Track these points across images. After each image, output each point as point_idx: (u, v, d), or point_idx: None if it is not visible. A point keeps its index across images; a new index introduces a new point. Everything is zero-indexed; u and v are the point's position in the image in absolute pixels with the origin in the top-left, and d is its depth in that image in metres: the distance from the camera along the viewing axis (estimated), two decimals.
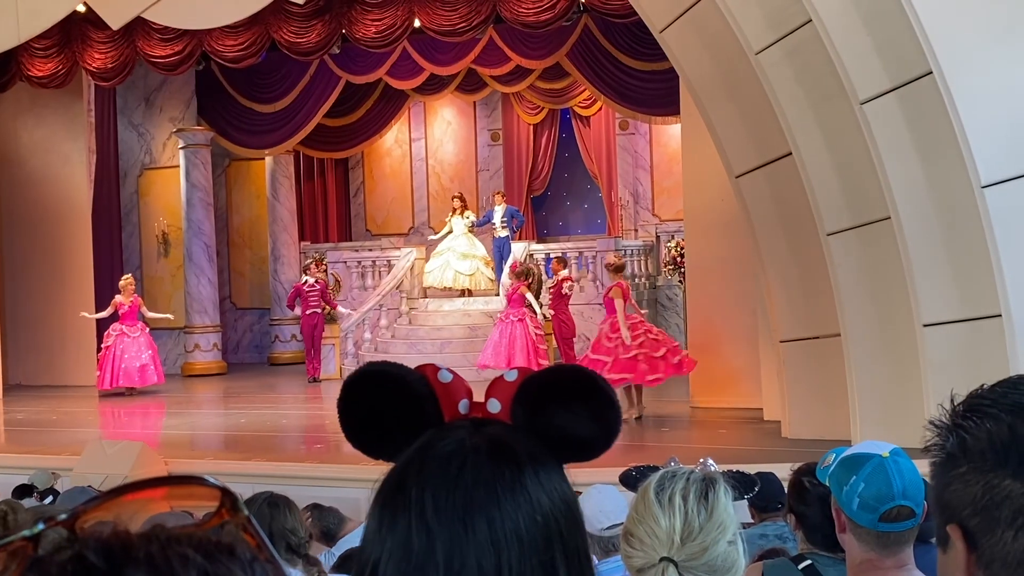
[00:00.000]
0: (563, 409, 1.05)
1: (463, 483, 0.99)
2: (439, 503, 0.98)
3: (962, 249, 9.40)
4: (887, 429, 9.38)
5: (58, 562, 0.58)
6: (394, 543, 0.99)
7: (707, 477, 1.92)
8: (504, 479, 0.99)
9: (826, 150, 10.03)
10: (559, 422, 1.05)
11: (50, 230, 17.91)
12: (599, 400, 1.06)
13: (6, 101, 17.51)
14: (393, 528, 0.99)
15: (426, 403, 1.05)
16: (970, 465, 1.08)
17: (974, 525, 1.06)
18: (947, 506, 1.09)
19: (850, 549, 2.54)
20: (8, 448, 12.45)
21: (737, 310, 12.40)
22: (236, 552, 0.61)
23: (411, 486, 1.00)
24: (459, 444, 1.01)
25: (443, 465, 1.00)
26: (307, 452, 12.19)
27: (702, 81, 10.92)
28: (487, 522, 0.97)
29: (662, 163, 19.53)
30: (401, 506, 1.00)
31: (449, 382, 1.07)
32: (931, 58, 9.20)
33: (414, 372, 1.07)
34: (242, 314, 21.03)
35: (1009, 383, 1.12)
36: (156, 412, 15.47)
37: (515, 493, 0.99)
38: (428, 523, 0.98)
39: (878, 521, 2.44)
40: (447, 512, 0.98)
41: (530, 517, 0.99)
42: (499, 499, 0.98)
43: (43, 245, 17.91)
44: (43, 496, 8.29)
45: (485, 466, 1.00)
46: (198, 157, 19.49)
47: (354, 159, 21.84)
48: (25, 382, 17.94)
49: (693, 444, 10.80)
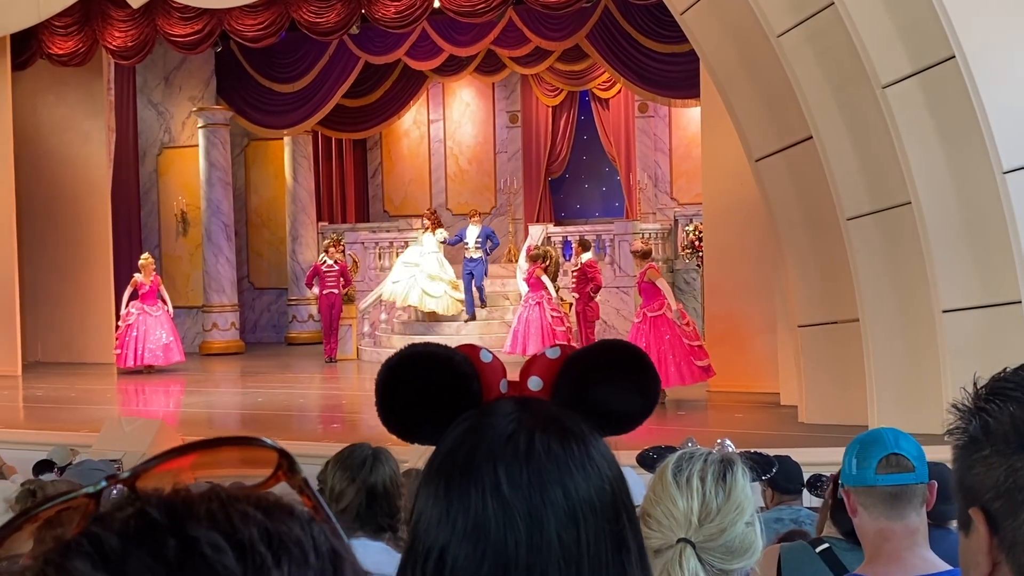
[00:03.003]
0: (608, 384, 1.06)
1: (535, 457, 0.98)
2: (513, 478, 0.97)
3: (982, 235, 9.36)
4: (904, 415, 9.37)
5: (121, 518, 0.59)
6: (465, 523, 0.97)
7: (725, 458, 1.91)
8: (573, 452, 0.99)
9: (847, 134, 9.99)
10: (603, 397, 1.06)
11: (69, 208, 17.98)
12: (644, 374, 1.08)
13: (26, 79, 17.55)
14: (464, 508, 0.98)
15: (472, 382, 1.05)
16: (993, 448, 1.07)
17: (997, 508, 1.06)
18: (969, 489, 1.09)
19: (863, 530, 2.55)
20: (28, 424, 12.57)
21: (755, 294, 12.38)
22: (295, 511, 0.62)
23: (480, 463, 0.99)
24: (518, 421, 1.01)
25: (510, 441, 0.99)
26: (324, 431, 12.25)
27: (722, 64, 10.88)
28: (563, 494, 0.97)
29: (681, 146, 19.46)
30: (472, 485, 0.98)
31: (489, 362, 1.07)
32: (954, 42, 9.15)
33: (459, 352, 1.07)
34: (260, 294, 21.11)
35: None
36: (174, 390, 15.56)
37: (584, 465, 0.99)
38: (505, 498, 0.97)
39: (876, 475, 2.46)
40: (523, 486, 0.97)
41: (599, 487, 0.99)
42: (571, 470, 0.98)
43: (62, 223, 17.99)
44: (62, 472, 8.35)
45: (554, 440, 1.00)
46: (217, 136, 19.54)
47: (372, 140, 21.85)
48: (44, 359, 18.05)
49: (710, 428, 10.80)
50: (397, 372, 1.07)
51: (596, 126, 20.00)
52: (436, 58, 18.17)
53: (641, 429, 1.10)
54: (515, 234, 20.09)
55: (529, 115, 20.59)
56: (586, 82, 19.23)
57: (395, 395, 1.07)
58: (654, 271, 12.19)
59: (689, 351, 11.81)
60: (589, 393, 1.06)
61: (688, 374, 11.78)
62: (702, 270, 15.04)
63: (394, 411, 1.08)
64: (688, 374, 11.78)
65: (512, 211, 20.59)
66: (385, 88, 19.97)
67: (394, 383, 1.07)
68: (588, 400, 1.05)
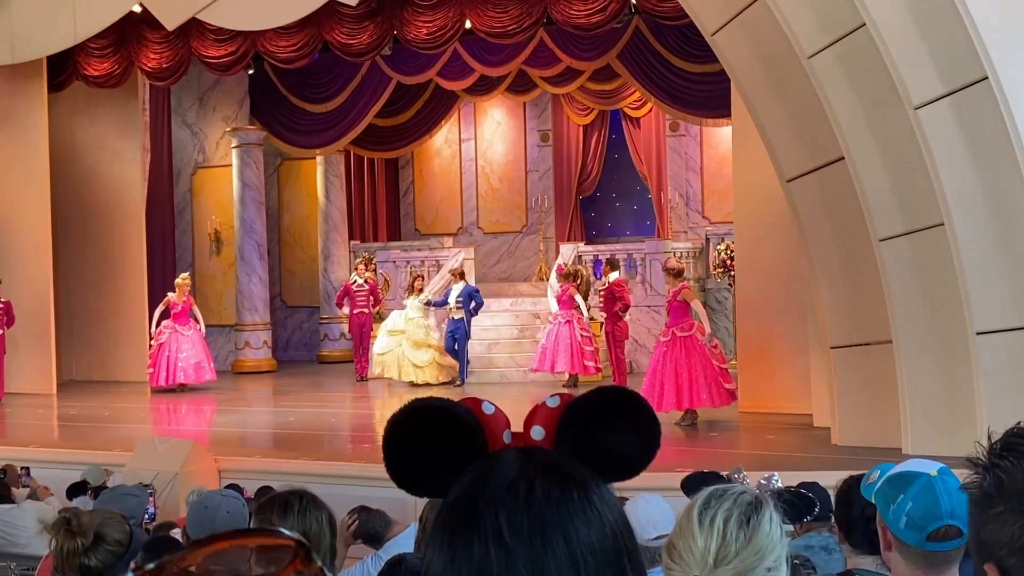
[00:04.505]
0: (608, 430, 1.08)
1: (535, 504, 1.00)
2: (515, 524, 0.99)
3: (1017, 256, 9.30)
4: (938, 438, 9.31)
5: None
6: (470, 571, 0.99)
7: (755, 500, 1.90)
8: (574, 498, 1.02)
9: (879, 155, 9.95)
10: (604, 443, 1.08)
11: (104, 227, 18.15)
12: (642, 419, 1.09)
13: (62, 100, 17.77)
14: (468, 556, 1.00)
15: (476, 434, 1.07)
16: (1007, 505, 1.08)
17: (1011, 565, 1.06)
18: (984, 544, 1.10)
19: (895, 567, 2.54)
20: (62, 444, 12.65)
21: (787, 314, 12.32)
22: None
23: (482, 512, 1.01)
24: (520, 469, 1.03)
25: (511, 489, 1.02)
26: (354, 451, 12.28)
27: (753, 84, 10.87)
28: (564, 539, 0.99)
29: (712, 165, 19.44)
30: (475, 533, 1.00)
31: (492, 414, 1.09)
32: (986, 63, 9.11)
33: (460, 405, 1.09)
34: (292, 312, 21.22)
35: None
36: (207, 409, 15.64)
37: (584, 510, 1.02)
38: (506, 544, 0.99)
39: (925, 540, 2.43)
40: (524, 532, 0.99)
41: (600, 531, 1.01)
42: (572, 516, 1.01)
43: (97, 242, 18.15)
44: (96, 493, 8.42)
45: (554, 487, 1.02)
46: (250, 156, 19.70)
47: (404, 159, 21.94)
48: (78, 378, 18.20)
49: (741, 450, 10.76)
50: (401, 428, 1.09)
51: (627, 145, 20.00)
52: (468, 78, 18.24)
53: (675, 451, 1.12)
54: (546, 253, 20.13)
55: (560, 134, 20.63)
56: (617, 101, 19.24)
57: (401, 451, 1.09)
58: (689, 292, 12.18)
59: (719, 373, 11.79)
60: (590, 440, 1.07)
61: (717, 396, 11.75)
62: (734, 289, 14.99)
63: (402, 467, 1.09)
64: (717, 396, 11.75)
65: (543, 230, 20.62)
66: (417, 107, 20.06)
67: (399, 439, 1.09)
68: (589, 447, 1.07)
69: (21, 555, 6.95)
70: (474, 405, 1.09)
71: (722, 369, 11.87)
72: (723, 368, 11.92)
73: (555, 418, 1.09)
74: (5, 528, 7.43)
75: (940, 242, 9.62)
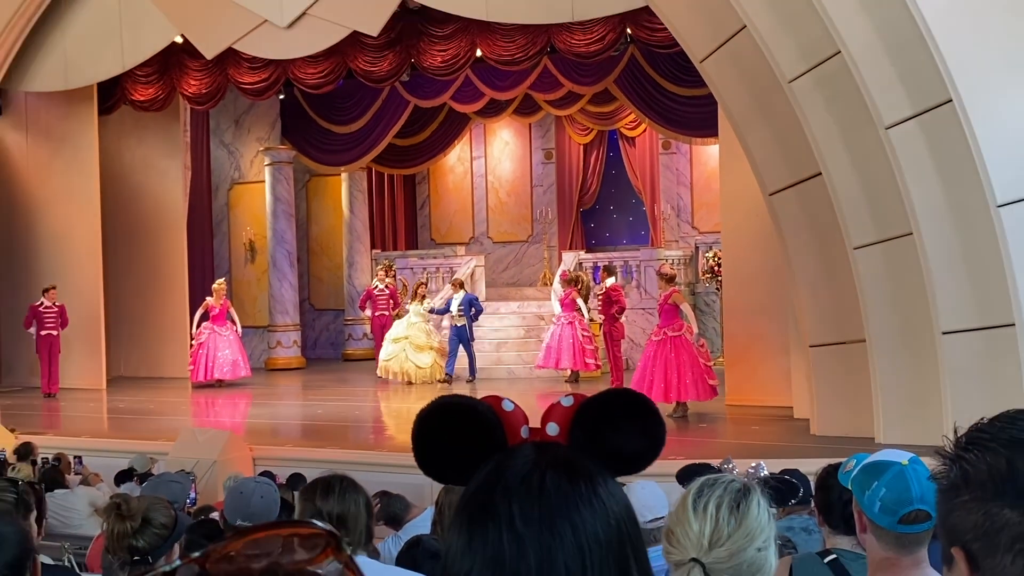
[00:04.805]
0: (617, 428, 1.07)
1: (546, 495, 1.00)
2: (527, 514, 0.99)
3: (978, 263, 9.28)
4: (908, 429, 9.30)
5: None
6: (485, 555, 1.00)
7: (744, 487, 1.91)
8: (581, 490, 1.02)
9: (853, 171, 9.94)
10: (614, 440, 1.07)
11: (149, 238, 18.17)
12: (649, 419, 1.09)
13: (111, 123, 17.80)
14: (483, 541, 1.00)
15: (496, 429, 1.07)
16: (972, 495, 1.08)
17: (976, 549, 1.06)
18: (952, 530, 1.10)
19: (871, 548, 2.54)
20: (111, 434, 12.67)
21: (770, 316, 12.30)
22: None
23: (498, 501, 1.01)
24: (533, 463, 1.03)
25: (525, 481, 1.01)
26: (376, 441, 12.28)
27: (738, 106, 10.87)
28: (571, 528, 0.99)
29: (701, 180, 19.40)
30: (490, 520, 1.01)
31: (511, 411, 1.09)
32: (951, 87, 9.10)
33: (482, 403, 1.09)
34: (319, 314, 21.23)
35: (1007, 417, 1.11)
36: (242, 403, 15.65)
37: (591, 501, 1.01)
38: (518, 532, 0.99)
39: (897, 523, 2.43)
40: (535, 521, 0.99)
41: (605, 522, 1.01)
42: (579, 507, 1.00)
43: (143, 251, 18.18)
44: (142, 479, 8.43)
45: (563, 479, 1.02)
46: (282, 173, 19.73)
47: (420, 175, 21.93)
48: (126, 374, 18.21)
49: (728, 440, 10.75)
50: (429, 423, 1.09)
51: (623, 162, 19.98)
52: (478, 101, 18.23)
53: (668, 440, 1.11)
54: (550, 260, 20.10)
55: (562, 152, 20.62)
56: (614, 122, 19.22)
57: (428, 443, 1.09)
58: (679, 295, 12.16)
59: (704, 370, 11.78)
60: (600, 437, 1.07)
61: (702, 391, 11.76)
62: (721, 293, 14.97)
63: (429, 457, 1.09)
64: (702, 391, 11.76)
65: (547, 239, 20.60)
66: (432, 128, 20.06)
67: (427, 432, 1.09)
68: (600, 443, 1.07)
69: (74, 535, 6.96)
70: (495, 403, 1.09)
71: (707, 366, 11.87)
72: (708, 366, 11.91)
73: (569, 416, 1.08)
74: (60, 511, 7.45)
75: (909, 250, 9.61)
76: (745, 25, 10.29)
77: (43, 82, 16.04)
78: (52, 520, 6.76)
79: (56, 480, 7.90)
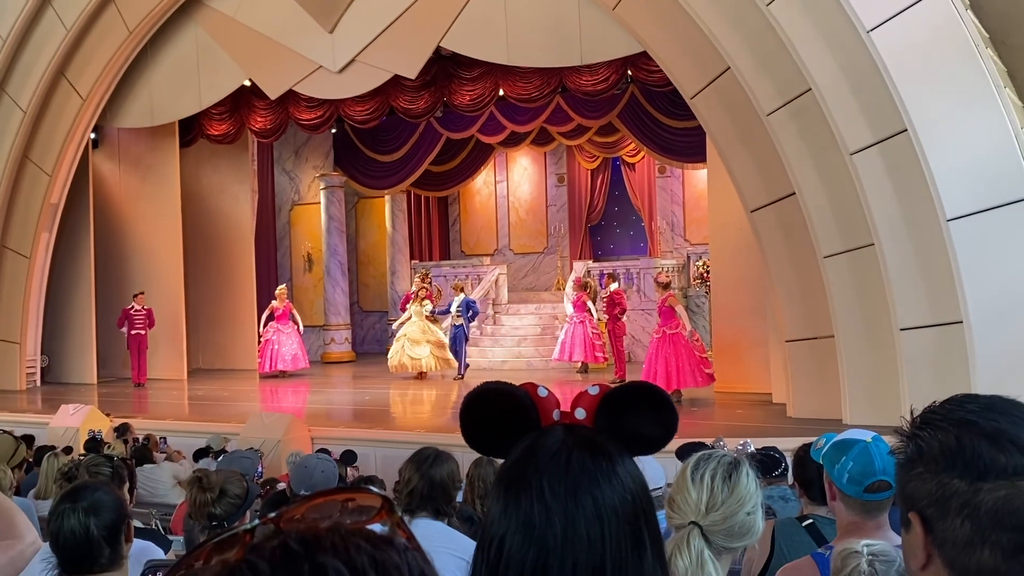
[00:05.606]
0: (636, 415, 1.07)
1: (571, 471, 1.00)
2: (554, 487, 0.99)
3: (931, 269, 9.22)
4: (870, 410, 9.24)
5: (269, 548, 0.61)
6: (518, 520, 0.99)
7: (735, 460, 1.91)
8: (602, 467, 1.01)
9: (823, 191, 9.90)
10: (633, 425, 1.06)
11: (222, 252, 18.28)
12: (664, 408, 1.09)
13: (191, 154, 17.91)
14: (517, 508, 1.00)
15: (531, 412, 1.07)
16: (926, 467, 1.07)
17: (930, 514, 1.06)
18: (909, 497, 1.09)
19: (839, 513, 2.53)
20: (191, 417, 12.74)
21: (752, 315, 12.26)
22: (394, 542, 0.64)
23: (530, 475, 1.01)
24: (562, 442, 1.03)
25: (554, 458, 1.01)
26: (415, 422, 12.28)
27: (724, 136, 10.85)
28: (592, 500, 0.99)
29: (692, 199, 19.33)
30: (523, 490, 1.00)
31: (545, 396, 1.08)
32: (906, 118, 9.06)
33: (520, 389, 1.09)
34: (367, 315, 21.27)
35: (955, 401, 1.11)
36: (302, 390, 15.69)
37: (610, 478, 1.01)
38: (547, 502, 0.99)
39: (863, 492, 2.42)
40: (561, 493, 0.99)
41: (622, 496, 1.00)
42: (599, 482, 1.00)
43: (217, 263, 18.28)
44: (217, 456, 8.47)
45: (586, 457, 1.01)
46: (335, 196, 19.79)
47: (452, 196, 21.93)
48: (204, 366, 18.31)
49: (717, 421, 10.70)
50: (474, 404, 1.09)
51: (625, 184, 19.93)
52: (501, 134, 18.24)
53: None
54: (562, 268, 20.07)
55: (573, 176, 20.59)
56: (617, 150, 19.18)
57: (473, 421, 1.09)
58: (674, 299, 12.12)
59: (699, 361, 11.73)
60: (622, 422, 1.06)
61: (701, 379, 11.72)
62: (710, 296, 14.92)
63: (473, 433, 1.09)
64: (701, 379, 11.72)
65: (560, 250, 20.57)
66: (462, 157, 20.07)
67: (472, 412, 1.09)
68: (621, 428, 1.06)
69: (160, 503, 7.01)
70: (531, 389, 1.09)
71: (703, 358, 11.82)
72: (703, 357, 11.86)
73: (595, 403, 1.08)
74: (148, 483, 7.50)
75: (871, 258, 9.56)
76: (729, 67, 10.27)
77: (133, 119, 16.16)
78: (141, 491, 6.81)
79: (145, 456, 7.96)
